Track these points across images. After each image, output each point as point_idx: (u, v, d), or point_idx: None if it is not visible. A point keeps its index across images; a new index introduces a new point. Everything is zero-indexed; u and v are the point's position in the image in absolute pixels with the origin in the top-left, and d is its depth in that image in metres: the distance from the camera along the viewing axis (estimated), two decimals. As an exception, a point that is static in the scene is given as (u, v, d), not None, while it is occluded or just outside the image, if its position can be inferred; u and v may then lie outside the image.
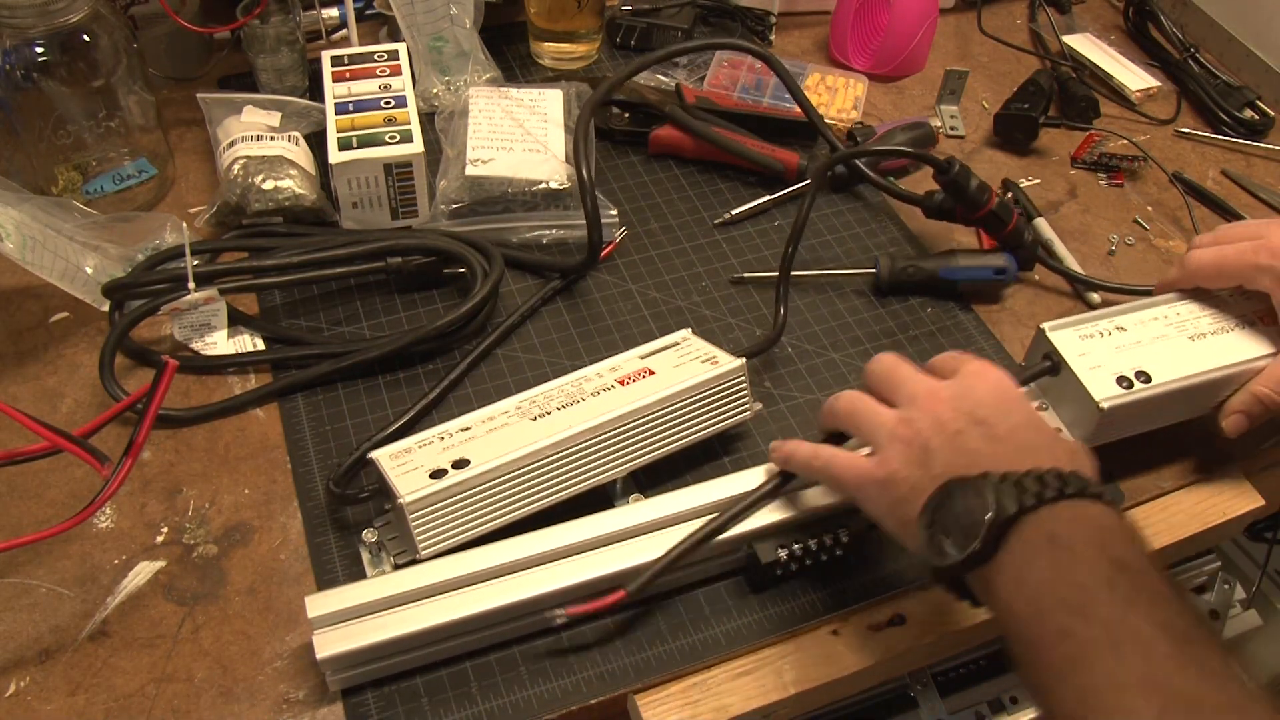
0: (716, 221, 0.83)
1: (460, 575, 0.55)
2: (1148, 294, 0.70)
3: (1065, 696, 0.42)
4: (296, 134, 0.80)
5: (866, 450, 0.55)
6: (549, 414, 0.60)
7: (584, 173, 0.72)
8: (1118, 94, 1.00)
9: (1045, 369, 0.63)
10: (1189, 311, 0.67)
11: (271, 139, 0.78)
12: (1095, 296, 0.80)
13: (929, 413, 0.52)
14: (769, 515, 0.59)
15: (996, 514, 0.45)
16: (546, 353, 0.73)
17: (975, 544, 0.46)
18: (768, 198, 0.84)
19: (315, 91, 0.87)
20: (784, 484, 0.59)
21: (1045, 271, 0.82)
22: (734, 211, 0.83)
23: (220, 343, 0.70)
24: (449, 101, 0.87)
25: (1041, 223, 0.85)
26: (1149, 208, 0.89)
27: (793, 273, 0.77)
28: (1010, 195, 0.87)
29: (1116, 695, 0.41)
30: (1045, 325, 0.64)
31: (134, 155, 0.79)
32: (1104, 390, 0.61)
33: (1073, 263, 0.82)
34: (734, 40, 0.89)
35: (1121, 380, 0.61)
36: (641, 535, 0.58)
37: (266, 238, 0.76)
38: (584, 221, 0.73)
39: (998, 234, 0.77)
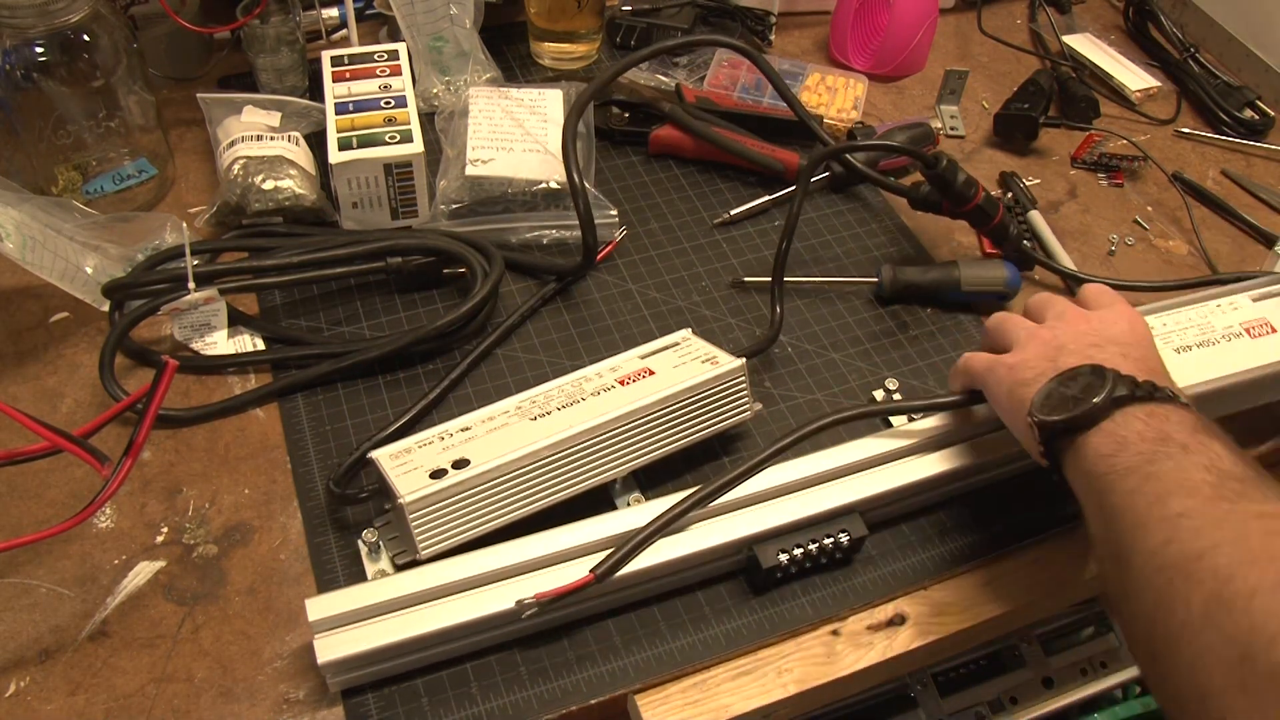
0: (716, 222, 0.83)
1: (460, 579, 0.55)
2: (1138, 290, 0.70)
3: (1129, 484, 0.48)
4: (296, 134, 0.80)
5: None
6: (549, 414, 0.60)
7: (575, 176, 0.72)
8: (1118, 94, 1.00)
9: None
10: (1175, 323, 0.66)
11: (271, 139, 0.78)
12: None
13: (1072, 326, 0.58)
14: (770, 518, 0.59)
15: (1113, 389, 0.51)
16: (546, 353, 0.73)
17: (1088, 405, 0.51)
18: (767, 198, 0.84)
19: (315, 91, 0.87)
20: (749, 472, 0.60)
21: (1046, 273, 0.81)
22: (733, 212, 0.83)
23: (220, 343, 0.70)
24: (449, 101, 0.87)
25: (1036, 216, 0.86)
26: (1149, 208, 0.89)
27: (796, 280, 0.78)
28: (1010, 195, 0.88)
29: (1180, 472, 0.47)
30: None
31: (134, 155, 0.79)
32: None
33: (1065, 259, 0.82)
34: (715, 37, 0.88)
35: None
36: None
37: (266, 238, 0.76)
38: (584, 221, 0.73)
39: (984, 227, 0.78)
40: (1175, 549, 0.44)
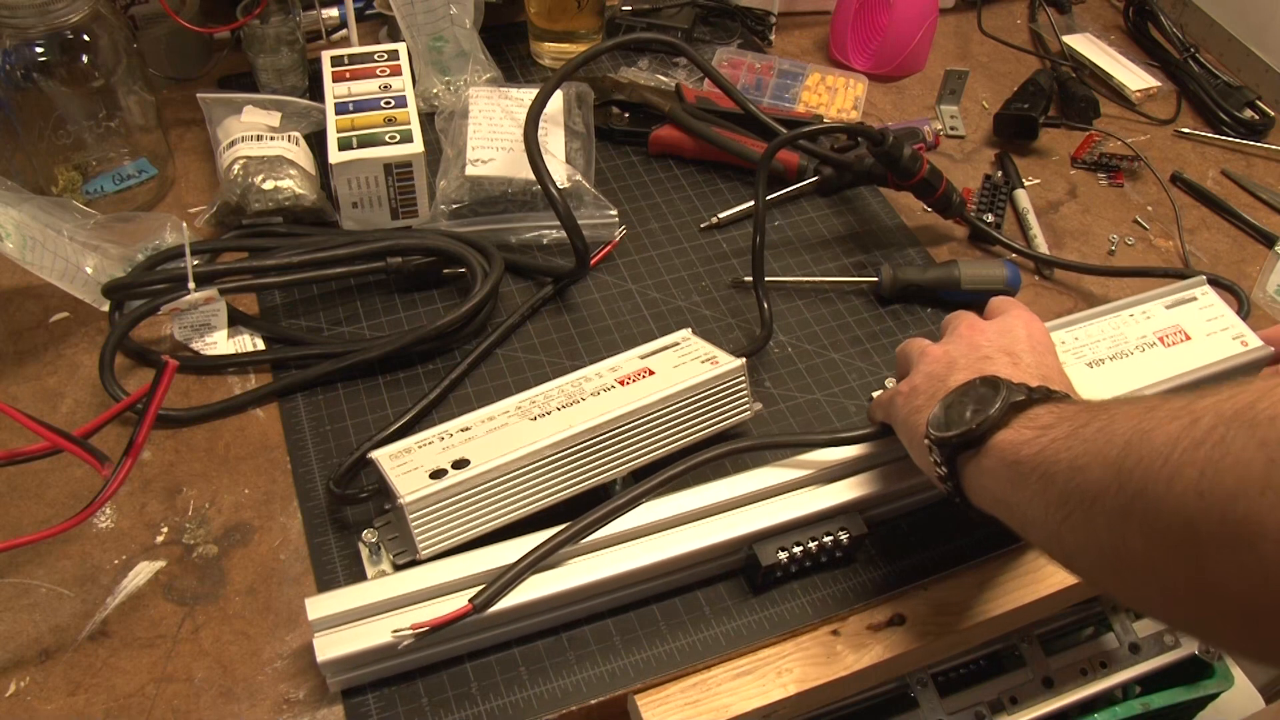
0: (703, 225, 0.82)
1: (460, 578, 0.55)
2: (1113, 274, 0.72)
3: (1084, 434, 0.44)
4: (296, 134, 0.80)
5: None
6: (549, 414, 0.60)
7: (550, 187, 0.71)
8: (1118, 94, 1.00)
9: None
10: (1086, 336, 0.65)
11: (271, 139, 0.78)
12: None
13: (967, 340, 0.57)
14: (770, 517, 0.59)
15: (1009, 395, 0.50)
16: (546, 353, 0.73)
17: (985, 415, 0.49)
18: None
19: (315, 91, 0.87)
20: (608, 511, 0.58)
21: (1043, 268, 0.82)
22: (721, 215, 0.82)
23: (220, 343, 0.70)
24: (449, 101, 0.87)
25: (1021, 194, 0.87)
26: (1149, 208, 0.89)
27: (795, 279, 0.78)
28: (1000, 173, 0.90)
29: (1137, 401, 0.44)
30: None
31: (134, 155, 0.79)
32: None
33: (1041, 240, 0.83)
34: (648, 35, 0.89)
35: None
36: (642, 538, 0.58)
37: (266, 238, 0.76)
38: (586, 222, 0.73)
39: (928, 198, 0.81)
40: (1210, 416, 0.38)
